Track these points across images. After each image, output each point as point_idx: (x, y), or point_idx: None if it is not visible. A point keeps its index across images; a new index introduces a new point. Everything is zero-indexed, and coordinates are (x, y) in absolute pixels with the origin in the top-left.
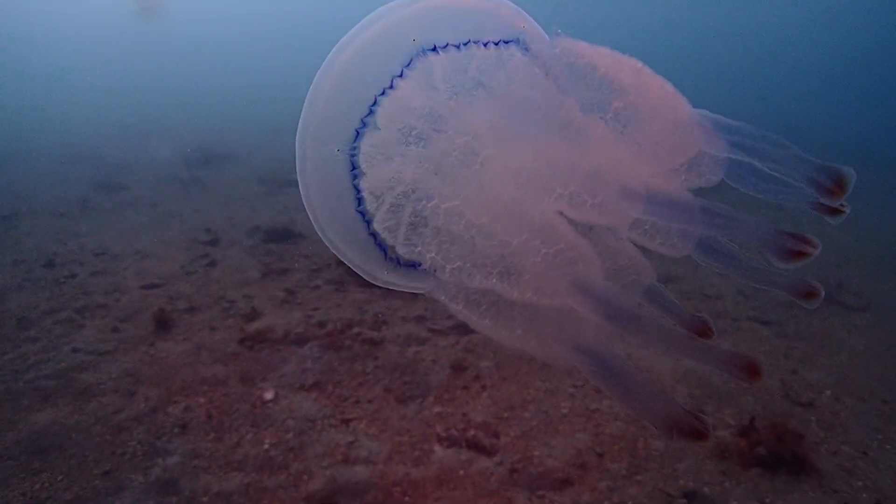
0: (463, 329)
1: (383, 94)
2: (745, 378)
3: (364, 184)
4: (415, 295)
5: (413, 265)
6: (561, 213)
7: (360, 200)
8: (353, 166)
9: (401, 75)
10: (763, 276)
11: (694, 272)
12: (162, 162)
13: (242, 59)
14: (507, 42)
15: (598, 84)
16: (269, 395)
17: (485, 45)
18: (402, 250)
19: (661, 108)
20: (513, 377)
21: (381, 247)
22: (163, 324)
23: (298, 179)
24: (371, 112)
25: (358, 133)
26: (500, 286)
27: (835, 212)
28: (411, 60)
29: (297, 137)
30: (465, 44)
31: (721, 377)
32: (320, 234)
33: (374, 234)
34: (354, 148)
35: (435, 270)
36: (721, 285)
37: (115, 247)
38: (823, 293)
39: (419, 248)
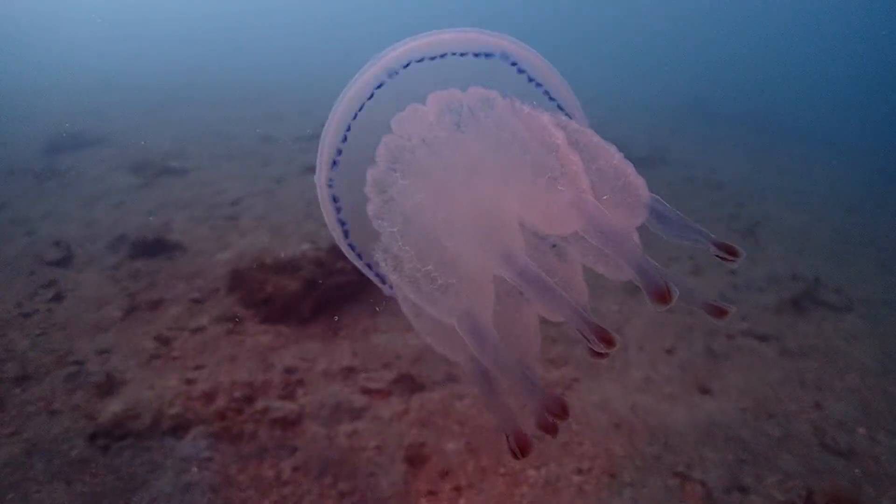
0: (408, 383)
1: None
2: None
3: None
4: (335, 333)
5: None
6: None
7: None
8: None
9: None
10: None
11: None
12: (16, 149)
13: (120, 30)
14: (488, 55)
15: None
16: None
17: (462, 55)
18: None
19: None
20: (494, 465)
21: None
22: None
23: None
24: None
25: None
26: (412, 292)
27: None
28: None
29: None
30: (443, 56)
31: (748, 429)
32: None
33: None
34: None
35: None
36: (700, 290)
37: None
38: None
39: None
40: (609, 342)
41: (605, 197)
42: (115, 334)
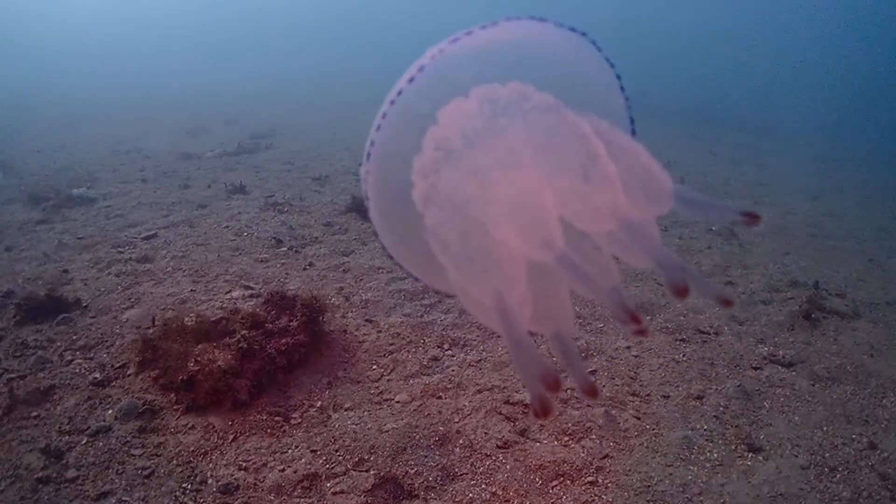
0: (392, 489)
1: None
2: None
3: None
4: (285, 419)
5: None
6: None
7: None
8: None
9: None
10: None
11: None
12: None
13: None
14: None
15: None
16: None
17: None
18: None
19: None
20: None
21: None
22: None
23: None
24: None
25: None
26: (456, 272)
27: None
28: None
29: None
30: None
31: (816, 495)
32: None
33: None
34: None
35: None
36: (708, 311)
37: None
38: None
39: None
40: (639, 326)
41: (635, 191)
42: None
